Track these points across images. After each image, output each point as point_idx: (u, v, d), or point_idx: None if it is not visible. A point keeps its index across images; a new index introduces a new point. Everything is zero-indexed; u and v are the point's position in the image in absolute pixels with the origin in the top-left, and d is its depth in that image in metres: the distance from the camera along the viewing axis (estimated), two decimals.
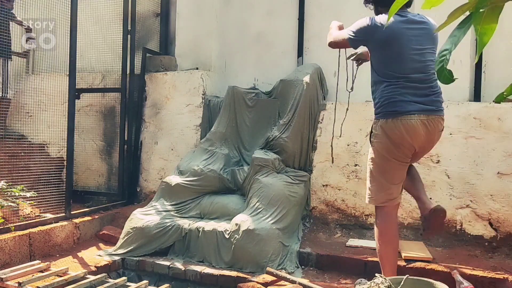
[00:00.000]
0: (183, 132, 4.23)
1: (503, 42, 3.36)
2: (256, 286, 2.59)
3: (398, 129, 2.31)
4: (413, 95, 2.32)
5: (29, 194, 3.30)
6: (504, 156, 3.10)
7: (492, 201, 3.11)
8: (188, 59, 4.48)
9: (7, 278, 2.49)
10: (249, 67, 4.41)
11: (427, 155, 3.30)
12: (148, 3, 4.58)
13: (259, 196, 3.30)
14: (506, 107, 3.12)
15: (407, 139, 2.33)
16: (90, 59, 4.54)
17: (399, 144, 2.34)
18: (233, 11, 4.49)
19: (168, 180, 3.66)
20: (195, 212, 3.52)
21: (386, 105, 2.35)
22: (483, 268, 2.70)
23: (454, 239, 3.19)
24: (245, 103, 3.99)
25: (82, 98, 4.03)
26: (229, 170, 3.71)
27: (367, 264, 2.87)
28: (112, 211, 3.96)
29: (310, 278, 2.80)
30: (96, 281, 2.63)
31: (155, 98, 4.37)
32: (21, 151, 3.97)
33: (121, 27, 4.24)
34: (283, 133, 3.67)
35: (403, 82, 2.33)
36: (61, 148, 4.23)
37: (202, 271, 2.96)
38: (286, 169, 3.62)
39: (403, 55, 2.34)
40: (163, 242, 3.24)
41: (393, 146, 2.36)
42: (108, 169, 4.46)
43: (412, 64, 2.33)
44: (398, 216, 3.36)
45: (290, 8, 4.24)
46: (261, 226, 3.05)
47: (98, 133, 4.48)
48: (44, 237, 3.15)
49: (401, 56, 2.34)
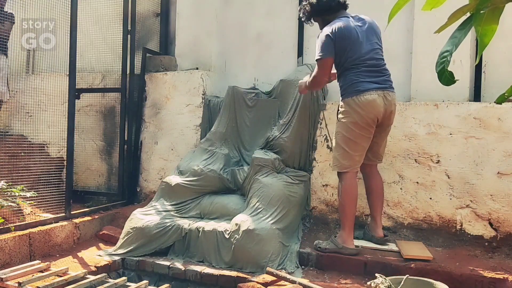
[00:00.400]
0: (183, 132, 4.23)
1: (503, 43, 3.36)
2: (256, 286, 2.59)
3: (362, 103, 2.88)
4: (370, 77, 2.93)
5: (29, 194, 3.31)
6: (504, 156, 3.10)
7: (492, 201, 3.12)
8: (188, 59, 4.48)
9: (7, 278, 2.49)
10: (249, 67, 4.41)
11: (427, 155, 3.31)
12: (148, 3, 4.58)
13: (259, 196, 3.30)
14: (506, 107, 3.12)
15: (370, 111, 2.89)
16: (90, 59, 4.53)
17: (363, 115, 2.89)
18: (233, 11, 4.49)
19: (168, 180, 3.66)
20: (195, 212, 3.52)
21: (350, 87, 2.94)
22: (483, 268, 2.70)
23: (454, 239, 3.19)
24: (245, 103, 3.99)
25: (82, 98, 4.03)
26: (229, 170, 3.72)
27: (367, 264, 2.88)
28: (112, 211, 3.96)
29: (310, 278, 2.80)
30: (96, 281, 2.63)
31: (155, 98, 4.37)
32: (21, 151, 3.97)
33: (121, 27, 4.24)
34: (283, 133, 3.67)
35: (360, 67, 2.94)
36: (61, 148, 4.23)
37: (202, 271, 2.97)
38: (286, 169, 3.62)
39: (355, 46, 2.94)
40: (163, 242, 3.24)
41: (358, 118, 2.90)
42: (108, 169, 4.46)
43: (365, 54, 2.95)
44: (398, 216, 3.39)
45: (290, 8, 4.24)
46: (261, 226, 3.05)
47: (98, 133, 4.48)
48: (44, 237, 3.15)
49: (354, 47, 2.93)
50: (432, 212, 3.29)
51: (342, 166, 3.00)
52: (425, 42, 3.49)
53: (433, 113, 3.32)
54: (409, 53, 3.66)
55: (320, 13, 3.11)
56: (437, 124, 3.30)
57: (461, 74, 3.32)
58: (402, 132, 3.40)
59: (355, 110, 2.90)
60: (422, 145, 3.34)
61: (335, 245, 3.00)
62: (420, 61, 3.55)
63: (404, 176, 3.39)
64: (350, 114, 2.93)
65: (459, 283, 2.60)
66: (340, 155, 3.00)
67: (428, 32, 3.24)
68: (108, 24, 4.36)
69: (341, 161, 3.00)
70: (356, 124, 2.92)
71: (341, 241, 3.00)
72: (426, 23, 3.40)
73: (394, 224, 3.40)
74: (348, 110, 2.94)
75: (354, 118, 2.92)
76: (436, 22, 1.16)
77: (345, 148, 2.97)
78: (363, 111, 2.89)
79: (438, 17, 1.34)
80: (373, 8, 3.81)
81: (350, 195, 2.99)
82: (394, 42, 3.80)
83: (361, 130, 2.93)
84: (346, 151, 2.97)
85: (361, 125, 2.92)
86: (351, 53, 2.93)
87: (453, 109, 3.27)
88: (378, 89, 2.91)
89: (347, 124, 2.95)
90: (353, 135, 2.94)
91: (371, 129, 2.95)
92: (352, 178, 3.00)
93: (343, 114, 2.97)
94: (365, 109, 2.89)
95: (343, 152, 2.99)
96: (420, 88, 3.55)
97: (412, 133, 3.37)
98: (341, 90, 3.03)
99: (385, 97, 2.92)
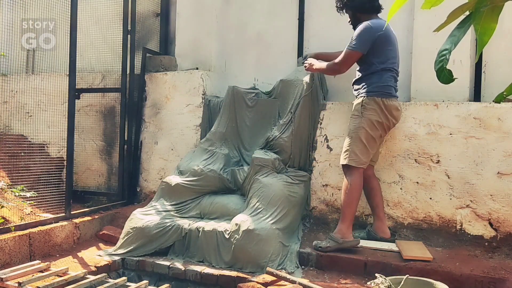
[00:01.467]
0: (183, 132, 4.23)
1: (503, 42, 3.36)
2: (256, 286, 2.59)
3: (390, 107, 3.02)
4: (395, 84, 3.12)
5: (29, 194, 3.31)
6: (504, 156, 3.10)
7: (492, 201, 3.11)
8: (188, 59, 4.48)
9: (7, 278, 2.49)
10: (249, 67, 4.40)
11: (427, 155, 3.31)
12: (148, 3, 4.58)
13: (259, 196, 3.30)
14: (506, 107, 3.12)
15: (395, 116, 3.07)
16: (90, 59, 4.54)
17: (389, 118, 3.04)
18: (233, 11, 4.49)
19: (168, 180, 3.66)
20: (195, 212, 3.52)
21: (383, 87, 3.03)
22: (483, 268, 2.70)
23: (454, 239, 3.18)
24: (245, 103, 3.99)
25: (82, 98, 4.03)
26: (229, 170, 3.71)
27: (367, 264, 2.87)
28: (112, 211, 3.96)
29: (310, 278, 2.80)
30: (96, 281, 2.64)
31: (155, 98, 4.37)
32: (21, 151, 3.98)
33: (121, 27, 4.24)
34: (283, 133, 3.66)
35: (393, 73, 3.10)
36: (61, 148, 4.24)
37: (202, 271, 2.97)
38: (286, 169, 3.62)
39: (394, 52, 3.12)
40: (163, 242, 3.25)
41: (384, 119, 3.02)
42: (108, 169, 4.46)
43: (397, 59, 3.14)
44: (398, 216, 3.39)
45: (290, 8, 4.24)
46: (261, 226, 3.05)
47: (98, 133, 4.48)
48: (44, 237, 3.15)
49: (393, 53, 3.11)
50: (432, 212, 3.29)
51: (360, 161, 3.03)
52: (425, 42, 3.49)
53: (433, 113, 3.32)
54: (409, 53, 3.66)
55: (357, 10, 3.18)
56: (437, 124, 3.30)
57: (461, 74, 3.31)
58: (402, 132, 3.40)
59: (383, 111, 3.01)
60: (422, 145, 3.34)
61: (336, 241, 3.01)
62: (420, 61, 3.54)
63: (404, 176, 3.39)
64: (377, 113, 3.01)
65: (459, 283, 2.59)
66: (360, 151, 3.02)
67: (428, 32, 3.22)
68: (108, 24, 4.36)
69: (360, 156, 3.02)
70: (381, 124, 3.03)
71: (340, 236, 3.02)
72: (426, 23, 3.39)
73: (394, 224, 3.40)
74: (376, 109, 3.01)
75: (381, 118, 3.02)
76: (437, 22, 1.16)
77: (366, 144, 3.02)
78: (390, 115, 3.03)
79: (438, 17, 1.34)
80: None
81: (359, 191, 3.06)
82: None
83: (382, 131, 3.07)
84: (366, 148, 3.03)
85: (384, 126, 3.05)
86: (393, 54, 3.08)
87: (453, 109, 3.27)
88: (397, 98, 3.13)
89: (372, 122, 3.02)
90: (376, 134, 3.04)
91: (386, 132, 3.13)
92: (361, 176, 3.07)
93: (370, 112, 3.02)
94: (391, 113, 3.03)
95: (363, 148, 3.03)
96: (420, 88, 3.55)
97: (412, 133, 3.37)
98: (370, 86, 3.05)
99: (399, 106, 3.13)
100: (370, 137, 3.02)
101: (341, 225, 3.06)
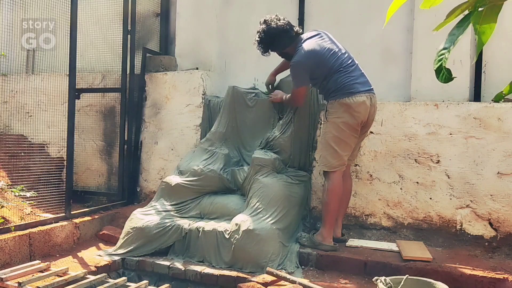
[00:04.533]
0: (183, 132, 4.22)
1: (503, 42, 3.36)
2: (256, 286, 2.59)
3: (354, 104, 2.96)
4: (357, 78, 3.03)
5: (29, 194, 3.31)
6: (504, 156, 3.10)
7: (492, 201, 3.11)
8: (188, 59, 4.48)
9: (7, 278, 2.49)
10: (249, 67, 4.40)
11: (427, 155, 3.31)
12: (148, 3, 4.58)
13: (259, 196, 3.29)
14: (506, 107, 3.12)
15: (361, 112, 2.99)
16: (90, 59, 4.53)
17: (355, 116, 2.97)
18: (233, 11, 4.49)
19: (168, 180, 3.66)
20: (195, 212, 3.52)
21: (340, 89, 3.00)
22: (483, 268, 2.70)
23: (454, 239, 3.18)
24: (245, 103, 3.98)
25: (82, 98, 4.02)
26: (229, 170, 3.71)
27: (367, 264, 2.87)
28: (112, 211, 3.96)
29: (310, 278, 2.80)
30: (96, 281, 2.63)
31: (155, 98, 4.37)
32: (21, 151, 3.98)
33: (121, 27, 4.23)
34: (283, 133, 3.66)
35: (345, 70, 3.03)
36: (61, 148, 4.24)
37: (202, 271, 2.96)
38: (286, 169, 3.62)
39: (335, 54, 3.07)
40: (163, 242, 3.24)
41: (349, 119, 2.98)
42: (108, 169, 4.46)
43: (340, 57, 3.07)
44: (398, 216, 3.39)
45: (290, 8, 4.23)
46: (261, 226, 3.05)
47: (98, 133, 4.48)
48: (44, 237, 3.15)
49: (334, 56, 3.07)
50: (432, 212, 3.29)
51: (332, 165, 3.06)
52: (425, 42, 3.49)
53: (433, 113, 3.32)
54: (409, 53, 3.66)
55: (281, 48, 3.27)
56: (437, 124, 3.30)
57: (461, 74, 3.32)
58: (402, 132, 3.40)
59: (347, 110, 2.98)
60: (422, 145, 3.34)
61: (312, 243, 3.10)
62: (420, 61, 3.54)
63: (404, 176, 3.39)
64: (341, 114, 3.00)
65: (459, 283, 2.59)
66: (330, 155, 3.05)
67: (428, 32, 3.22)
68: (108, 24, 4.36)
69: (330, 161, 3.06)
70: (347, 124, 3.00)
71: (320, 239, 3.08)
72: (426, 23, 3.39)
73: (394, 224, 3.40)
74: (338, 111, 3.01)
75: (346, 119, 2.99)
76: (436, 22, 1.16)
77: (336, 148, 3.03)
78: (355, 112, 2.98)
79: (438, 17, 1.34)
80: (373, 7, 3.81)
81: (337, 194, 3.06)
82: (394, 42, 3.81)
83: (351, 131, 3.02)
84: (336, 151, 3.03)
85: (351, 125, 3.01)
86: (333, 57, 3.05)
87: (453, 109, 3.27)
88: (366, 91, 3.03)
89: (338, 124, 3.01)
90: (344, 135, 3.02)
91: (359, 129, 3.06)
92: (339, 178, 3.08)
93: (334, 115, 3.04)
94: (357, 110, 2.98)
95: (333, 152, 3.04)
96: (420, 88, 3.55)
97: (412, 133, 3.37)
98: (329, 92, 3.08)
99: (370, 99, 3.04)
100: (338, 139, 3.03)
101: (322, 228, 3.12)
